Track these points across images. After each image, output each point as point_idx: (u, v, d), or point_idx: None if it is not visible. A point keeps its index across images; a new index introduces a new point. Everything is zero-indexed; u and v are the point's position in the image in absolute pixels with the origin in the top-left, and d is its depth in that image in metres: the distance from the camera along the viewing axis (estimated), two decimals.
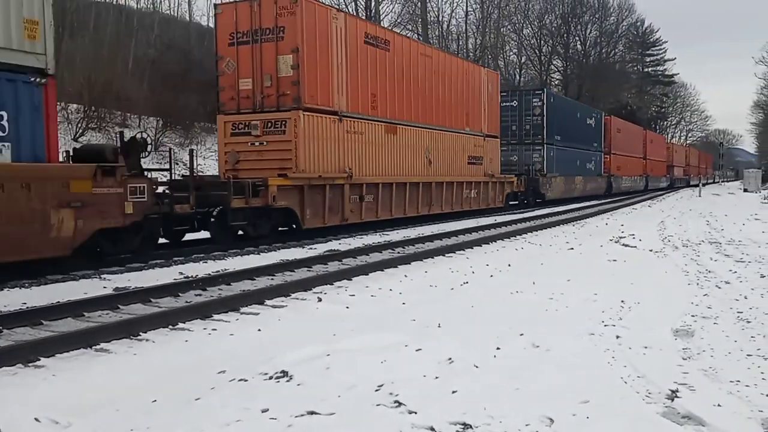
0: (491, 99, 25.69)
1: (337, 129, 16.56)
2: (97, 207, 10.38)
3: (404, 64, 19.50)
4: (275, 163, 15.20)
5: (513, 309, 7.63)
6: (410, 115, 19.96)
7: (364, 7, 40.14)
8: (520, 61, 64.25)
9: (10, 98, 9.19)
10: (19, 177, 9.21)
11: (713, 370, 5.22)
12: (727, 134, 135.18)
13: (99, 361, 5.85)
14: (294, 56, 15.15)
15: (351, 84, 17.03)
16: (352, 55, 17.03)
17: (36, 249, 9.57)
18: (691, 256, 12.36)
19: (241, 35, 15.65)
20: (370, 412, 4.37)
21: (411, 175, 20.00)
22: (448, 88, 22.29)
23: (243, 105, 15.79)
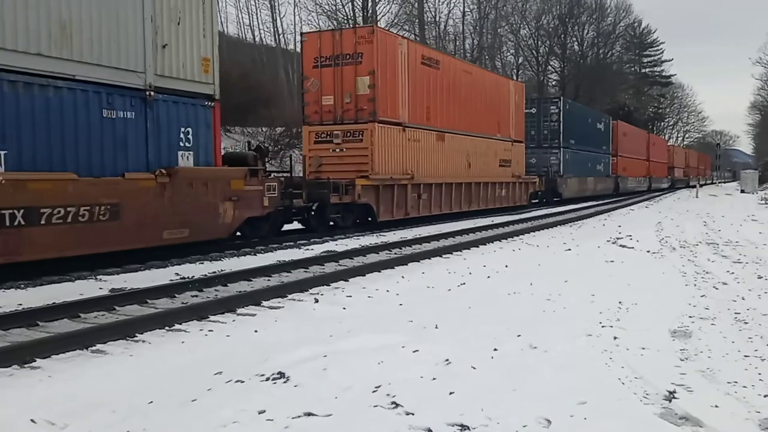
0: (518, 108, 28.54)
1: (401, 137, 19.63)
2: (246, 201, 13.45)
3: (450, 80, 22.51)
4: (353, 167, 18.15)
5: (510, 310, 7.63)
6: (454, 124, 22.88)
7: (361, 7, 40.15)
8: (517, 61, 64.34)
9: (192, 118, 12.36)
10: (202, 177, 12.37)
11: (711, 371, 5.22)
12: (724, 135, 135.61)
13: (95, 362, 5.84)
14: (371, 77, 18.22)
15: (411, 99, 20.02)
16: (412, 75, 20.00)
17: (211, 232, 12.77)
18: (689, 257, 12.37)
19: (324, 59, 18.67)
20: (367, 414, 4.36)
21: (455, 176, 22.90)
22: (483, 99, 25.19)
23: (325, 117, 18.80)
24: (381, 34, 18.77)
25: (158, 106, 11.70)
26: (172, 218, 11.70)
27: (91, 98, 10.60)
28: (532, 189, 30.45)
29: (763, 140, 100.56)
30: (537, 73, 66.22)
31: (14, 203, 9.16)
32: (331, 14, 40.27)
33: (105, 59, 10.75)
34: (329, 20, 40.66)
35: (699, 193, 46.68)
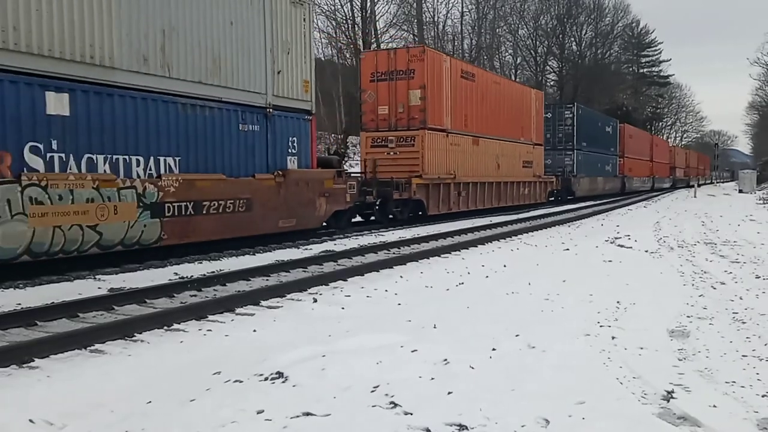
0: (538, 114, 31.64)
1: (445, 142, 22.53)
2: (334, 197, 16.75)
3: (483, 90, 25.48)
4: (405, 168, 20.91)
5: (509, 310, 7.63)
6: (486, 129, 25.84)
7: (359, 7, 40.15)
8: (515, 61, 64.34)
9: (296, 129, 15.61)
10: (305, 178, 15.74)
11: (709, 371, 5.23)
12: (723, 135, 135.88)
13: (94, 362, 5.84)
14: (422, 90, 21.07)
15: (453, 108, 22.92)
16: (453, 87, 22.92)
17: (311, 222, 16.09)
18: (687, 257, 12.39)
19: (380, 74, 21.55)
20: (366, 413, 4.36)
21: (487, 176, 25.96)
22: (510, 106, 28.15)
23: (381, 125, 21.73)
24: (430, 53, 21.92)
25: (275, 120, 14.96)
26: (285, 210, 14.92)
27: (232, 116, 13.73)
28: (550, 188, 33.35)
29: (761, 140, 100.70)
30: (535, 74, 66.24)
31: (187, 198, 12.29)
32: (329, 14, 40.28)
33: (241, 84, 13.87)
34: (328, 20, 40.69)
35: (697, 193, 46.72)
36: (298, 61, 15.66)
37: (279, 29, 14.95)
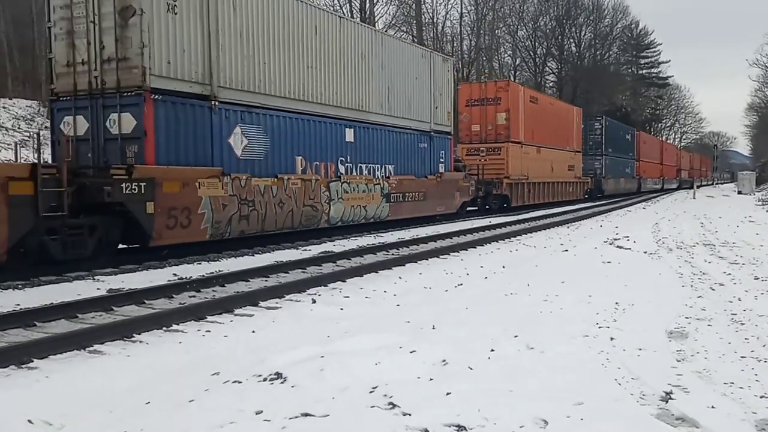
0: (577, 126, 39.35)
1: (520, 151, 29.82)
2: (463, 191, 24.39)
3: (542, 110, 32.75)
4: (493, 172, 28.09)
5: (507, 311, 7.63)
6: (545, 140, 32.94)
7: (359, 8, 40.15)
8: (514, 63, 64.37)
9: (443, 145, 23.02)
10: (450, 178, 23.34)
11: (707, 372, 5.23)
12: (722, 136, 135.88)
13: (92, 362, 5.84)
14: (506, 114, 28.77)
15: (524, 125, 30.11)
16: (525, 109, 30.19)
17: (451, 209, 23.43)
18: (686, 258, 12.39)
19: (473, 101, 29.23)
20: (364, 414, 4.36)
21: (545, 177, 33.07)
22: (559, 121, 35.58)
23: (473, 139, 29.38)
24: (512, 85, 30.32)
25: (434, 140, 22.50)
26: (440, 200, 22.70)
27: (415, 137, 21.38)
28: (586, 187, 40.63)
29: (761, 141, 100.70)
30: (534, 75, 66.29)
31: (399, 190, 20.08)
32: None
33: (419, 117, 21.58)
34: None
35: (696, 195, 46.74)
36: (445, 99, 23.34)
37: (436, 78, 22.56)
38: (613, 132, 45.24)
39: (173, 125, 12.51)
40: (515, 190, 29.00)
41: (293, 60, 15.80)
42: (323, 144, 16.82)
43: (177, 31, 12.53)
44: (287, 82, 15.58)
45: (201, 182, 12.82)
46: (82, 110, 12.39)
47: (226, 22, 13.65)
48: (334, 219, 17.16)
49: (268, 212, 14.68)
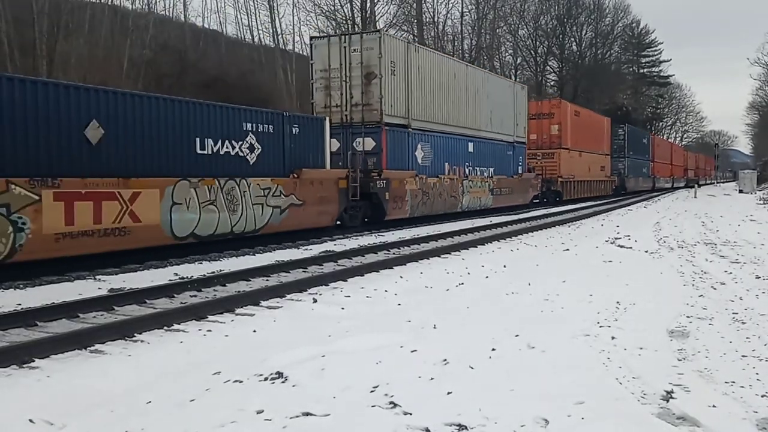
0: (607, 132, 45.83)
1: (568, 155, 36.33)
2: (534, 187, 31.96)
3: (583, 121, 39.63)
4: (549, 171, 34.69)
5: (508, 310, 7.64)
6: (584, 145, 39.20)
7: (359, 7, 40.14)
8: (515, 62, 64.25)
9: (520, 152, 30.40)
10: (526, 178, 30.94)
11: (708, 371, 5.23)
12: (723, 135, 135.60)
13: (93, 362, 5.84)
14: (558, 126, 35.29)
15: (570, 134, 36.54)
16: (571, 122, 36.83)
17: (526, 201, 31.01)
18: (687, 257, 12.38)
19: (532, 115, 33.92)
20: (365, 413, 4.36)
21: (585, 177, 39.85)
22: (594, 129, 42.22)
23: (531, 146, 33.75)
24: (563, 103, 37.96)
25: (516, 149, 29.41)
26: (520, 194, 29.63)
27: (505, 147, 28.34)
28: (613, 185, 46.71)
29: (762, 140, 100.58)
30: (535, 74, 66.20)
31: (498, 187, 27.28)
32: (329, 14, 40.26)
33: (507, 132, 28.48)
34: (328, 20, 40.67)
35: (697, 194, 46.70)
36: (521, 118, 30.68)
37: (517, 102, 29.79)
38: (633, 137, 51.75)
39: (392, 144, 20.12)
40: (566, 187, 36.17)
41: (442, 97, 23.32)
42: (457, 154, 24.52)
43: (395, 87, 20.25)
44: (440, 112, 23.15)
45: (406, 180, 20.61)
46: (336, 135, 19.00)
47: (414, 79, 21.34)
48: (464, 206, 24.67)
49: (435, 200, 22.50)
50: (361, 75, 19.46)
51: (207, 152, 13.58)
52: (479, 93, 25.96)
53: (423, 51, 23.09)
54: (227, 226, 13.84)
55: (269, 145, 15.29)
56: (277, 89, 40.39)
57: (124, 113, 11.87)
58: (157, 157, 12.50)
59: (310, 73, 20.45)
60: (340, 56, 19.72)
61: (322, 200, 16.76)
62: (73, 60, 28.95)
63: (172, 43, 38.62)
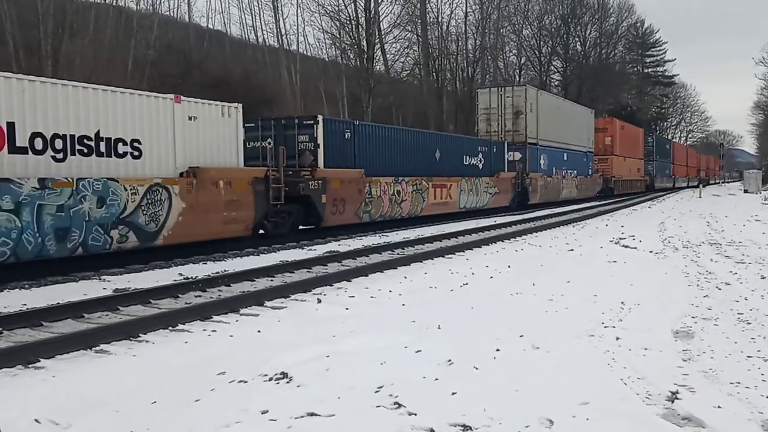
0: (641, 140, 53.52)
1: (618, 160, 44.70)
2: (598, 185, 42.14)
3: (627, 132, 48.04)
4: (605, 173, 42.91)
5: (513, 310, 7.63)
6: (627, 152, 47.62)
7: (363, 8, 40.11)
8: (519, 62, 64.13)
9: (590, 159, 40.61)
10: (593, 177, 41.04)
11: (713, 372, 5.22)
12: (728, 135, 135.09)
13: (99, 362, 5.86)
14: (610, 138, 44.06)
15: (619, 144, 44.92)
16: (619, 134, 45.17)
17: (592, 194, 40.51)
18: (692, 258, 12.35)
19: (598, 129, 42.80)
20: (370, 414, 4.37)
21: (628, 176, 48.16)
22: (633, 138, 50.32)
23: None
24: (614, 120, 46.46)
25: (588, 156, 39.77)
26: (590, 190, 39.61)
27: (581, 155, 38.56)
28: (645, 183, 54.01)
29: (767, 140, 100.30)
30: (539, 74, 66.06)
31: (580, 184, 37.87)
32: (333, 15, 40.23)
33: (582, 143, 38.96)
34: (332, 21, 40.67)
35: (702, 193, 46.60)
36: (591, 132, 40.11)
37: (588, 121, 39.88)
38: (659, 143, 61.13)
39: (530, 156, 30.49)
40: (617, 185, 44.71)
41: (552, 123, 33.26)
42: (559, 161, 34.35)
43: (531, 119, 30.57)
44: (551, 133, 33.25)
45: (537, 178, 31.04)
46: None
47: (540, 113, 31.63)
48: (563, 197, 34.64)
49: (550, 192, 32.73)
50: (512, 112, 30.29)
51: (466, 163, 25.33)
52: (569, 117, 36.95)
53: (545, 94, 35.31)
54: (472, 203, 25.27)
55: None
56: (281, 89, 40.43)
57: (445, 144, 24.07)
58: (448, 167, 23.55)
59: (476, 109, 33.13)
60: (498, 100, 30.69)
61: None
62: (78, 60, 29.01)
63: (176, 44, 38.70)
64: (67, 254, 10.53)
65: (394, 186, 19.89)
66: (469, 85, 52.25)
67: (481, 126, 31.03)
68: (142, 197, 11.73)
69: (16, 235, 9.72)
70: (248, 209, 14.12)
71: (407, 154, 21.00)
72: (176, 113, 12.83)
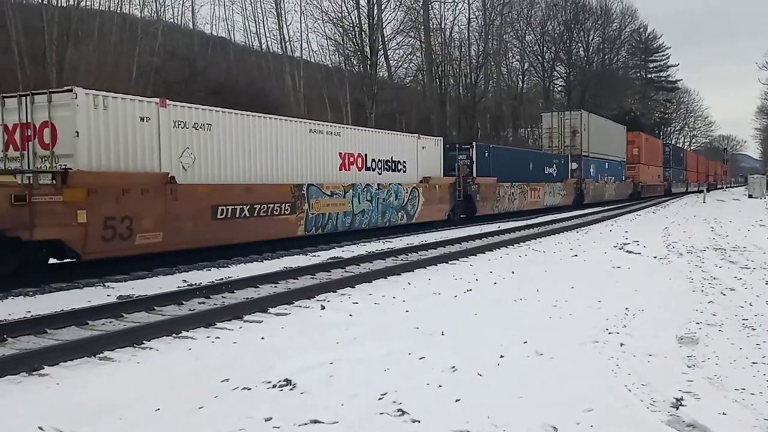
0: (661, 150, 60.35)
1: (644, 167, 52.09)
2: (630, 189, 50.20)
3: (650, 144, 55.55)
4: (635, 177, 50.31)
5: (517, 316, 7.61)
6: (651, 161, 54.50)
7: (366, 15, 40.21)
8: (522, 67, 64.21)
9: (624, 168, 49.12)
10: (626, 183, 49.35)
11: (718, 378, 5.20)
12: (732, 140, 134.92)
13: (102, 369, 5.86)
14: (637, 149, 50.99)
15: (645, 153, 52.45)
16: (645, 146, 52.70)
17: (625, 197, 47.90)
18: (696, 263, 12.32)
19: (629, 141, 50.56)
20: (374, 421, 4.36)
21: (652, 182, 54.60)
22: (655, 149, 57.48)
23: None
24: (641, 134, 52.94)
25: (622, 165, 47.76)
26: (624, 192, 47.67)
27: (618, 164, 46.61)
28: (664, 188, 60.10)
29: None
30: (543, 79, 66.16)
31: (617, 188, 46.44)
32: (337, 21, 40.30)
33: (618, 154, 47.08)
34: (335, 27, 40.74)
35: (706, 198, 46.51)
36: (624, 144, 48.58)
37: (622, 135, 48.48)
38: (674, 152, 67.68)
39: (583, 165, 38.22)
40: (643, 189, 50.91)
41: (597, 138, 40.81)
42: (602, 169, 41.94)
43: (583, 136, 39.00)
44: (596, 146, 40.72)
45: (588, 183, 39.21)
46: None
47: (590, 130, 39.80)
48: (606, 198, 42.22)
49: (598, 194, 40.53)
50: (570, 131, 39.10)
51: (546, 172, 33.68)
52: (609, 133, 45.14)
53: (593, 116, 42.45)
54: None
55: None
56: (284, 96, 40.53)
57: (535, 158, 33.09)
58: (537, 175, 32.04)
59: (540, 128, 46.23)
60: (558, 122, 39.73)
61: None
62: (83, 67, 29.14)
63: (180, 51, 38.83)
64: (383, 225, 19.67)
65: (510, 189, 28.82)
66: (472, 91, 52.31)
67: (545, 142, 40.66)
68: (409, 194, 21.10)
69: (370, 214, 18.90)
70: (447, 202, 23.65)
71: (517, 166, 29.71)
72: (418, 146, 22.18)
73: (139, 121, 12.01)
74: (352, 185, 18.06)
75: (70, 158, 10.97)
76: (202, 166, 13.29)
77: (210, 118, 13.54)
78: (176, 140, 12.74)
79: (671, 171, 63.93)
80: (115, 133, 11.58)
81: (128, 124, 11.83)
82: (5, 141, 11.60)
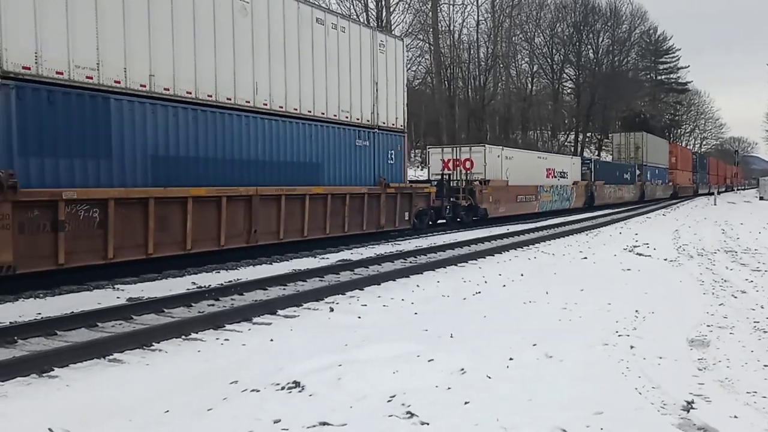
0: (690, 158, 68.13)
1: (680, 172, 61.25)
2: (668, 190, 59.28)
3: (683, 153, 65.44)
4: (674, 181, 59.87)
5: (526, 319, 7.59)
6: (684, 167, 62.58)
7: (375, 17, 40.27)
8: (531, 69, 64.23)
9: (666, 172, 57.27)
10: (667, 185, 60.10)
11: (729, 381, 5.16)
12: (743, 142, 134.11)
13: (112, 371, 5.88)
14: (675, 158, 60.02)
15: (679, 161, 60.78)
16: (681, 155, 62.14)
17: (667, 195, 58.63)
18: (707, 265, 12.25)
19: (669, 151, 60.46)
20: (382, 423, 4.35)
21: (685, 184, 63.42)
22: (686, 156, 66.92)
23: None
24: (677, 145, 68.12)
25: (665, 171, 57.16)
26: (668, 191, 56.68)
27: (663, 170, 56.18)
28: (693, 189, 67.31)
29: None
30: (552, 81, 66.09)
31: (662, 188, 56.19)
32: None
33: (663, 161, 56.92)
34: None
35: (717, 201, 46.25)
36: (666, 154, 56.48)
37: (665, 147, 58.42)
38: (699, 159, 76.12)
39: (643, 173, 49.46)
40: (679, 189, 58.96)
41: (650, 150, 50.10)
42: (654, 174, 50.49)
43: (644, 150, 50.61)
44: (651, 157, 50.86)
45: (647, 184, 49.96)
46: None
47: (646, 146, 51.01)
48: (657, 197, 50.93)
49: (653, 193, 51.13)
50: (633, 147, 49.62)
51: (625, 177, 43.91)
52: (658, 146, 53.94)
53: (650, 135, 52.35)
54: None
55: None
56: None
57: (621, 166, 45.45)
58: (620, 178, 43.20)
59: (611, 146, 53.30)
60: (625, 141, 50.54)
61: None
62: None
63: None
64: (561, 208, 32.62)
65: (609, 188, 40.99)
66: (481, 93, 52.30)
67: (615, 155, 51.52)
68: (570, 191, 33.57)
69: (554, 202, 31.79)
70: (584, 196, 35.56)
71: (612, 173, 41.84)
72: (571, 162, 34.96)
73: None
74: (552, 186, 31.22)
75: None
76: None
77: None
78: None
79: (698, 175, 74.21)
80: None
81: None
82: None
